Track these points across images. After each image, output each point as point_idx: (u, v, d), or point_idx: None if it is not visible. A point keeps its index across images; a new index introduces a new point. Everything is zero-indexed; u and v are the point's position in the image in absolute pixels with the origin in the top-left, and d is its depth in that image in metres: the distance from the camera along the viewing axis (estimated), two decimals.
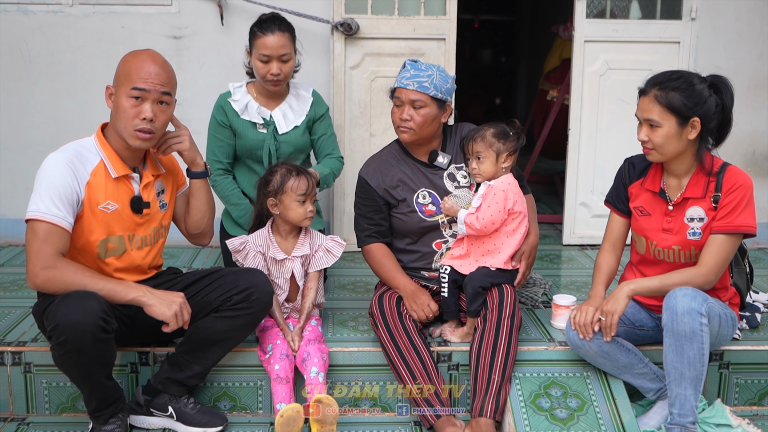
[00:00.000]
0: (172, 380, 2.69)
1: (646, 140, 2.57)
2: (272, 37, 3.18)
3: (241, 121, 3.33)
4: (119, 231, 2.57)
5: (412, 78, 2.84)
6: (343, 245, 2.94)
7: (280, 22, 3.24)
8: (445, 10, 4.11)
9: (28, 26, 4.10)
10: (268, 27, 3.20)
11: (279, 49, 3.19)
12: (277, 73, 3.21)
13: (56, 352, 2.37)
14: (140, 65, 2.49)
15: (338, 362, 2.86)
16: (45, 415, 2.84)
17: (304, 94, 3.43)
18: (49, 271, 2.37)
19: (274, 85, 3.26)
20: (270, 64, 3.21)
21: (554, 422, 2.63)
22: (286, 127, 3.35)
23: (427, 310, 2.87)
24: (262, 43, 3.19)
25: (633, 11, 4.29)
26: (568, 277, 3.83)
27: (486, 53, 9.82)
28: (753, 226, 2.56)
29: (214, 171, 3.33)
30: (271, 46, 3.18)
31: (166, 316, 2.45)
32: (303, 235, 2.91)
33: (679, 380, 2.48)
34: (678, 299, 2.46)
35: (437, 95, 2.84)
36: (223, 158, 3.35)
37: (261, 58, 3.20)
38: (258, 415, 2.86)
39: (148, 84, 2.47)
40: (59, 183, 2.41)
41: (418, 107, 2.84)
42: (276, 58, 3.20)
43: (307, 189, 2.82)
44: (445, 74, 2.89)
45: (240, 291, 2.61)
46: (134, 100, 2.47)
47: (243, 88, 3.37)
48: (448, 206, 2.89)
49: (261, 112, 3.34)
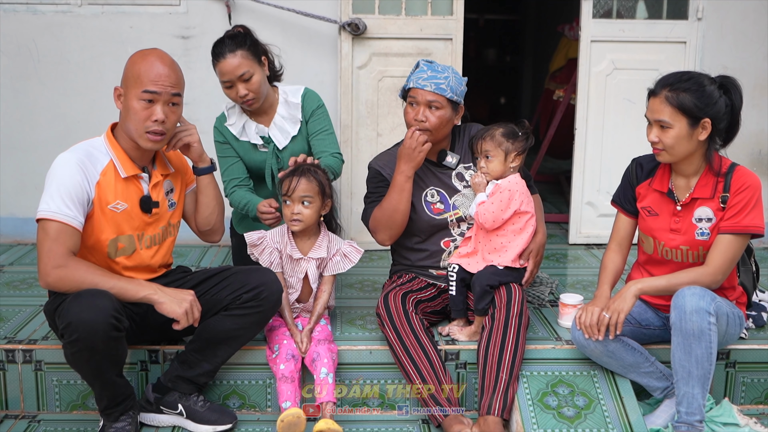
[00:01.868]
0: (182, 378, 2.70)
1: (656, 141, 2.57)
2: (224, 62, 3.02)
3: (241, 143, 3.24)
4: (129, 230, 2.59)
5: (429, 79, 2.84)
6: (361, 252, 2.93)
7: (231, 41, 3.06)
8: (452, 10, 4.12)
9: (37, 26, 4.12)
10: (219, 51, 3.04)
11: (235, 71, 3.02)
12: (245, 94, 3.05)
13: (68, 350, 2.39)
14: (150, 67, 2.49)
15: (346, 361, 2.87)
16: (55, 412, 2.86)
17: (293, 100, 3.24)
18: (61, 270, 2.39)
19: (249, 105, 3.11)
20: (235, 88, 3.06)
21: (561, 420, 2.64)
22: (284, 140, 3.23)
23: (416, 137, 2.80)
24: (219, 70, 3.05)
25: (639, 11, 4.30)
26: (575, 277, 3.83)
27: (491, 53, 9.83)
28: (761, 226, 2.56)
29: (230, 189, 3.24)
30: (226, 71, 3.03)
31: (177, 313, 2.46)
32: (321, 236, 2.89)
33: (687, 379, 2.49)
34: (686, 298, 2.46)
35: (453, 97, 2.85)
36: (240, 175, 3.24)
37: (224, 84, 3.08)
38: (267, 413, 2.88)
39: (158, 86, 2.49)
40: (70, 182, 2.43)
41: (434, 109, 2.84)
42: (237, 80, 3.04)
43: (287, 190, 2.77)
44: (459, 76, 2.90)
45: (250, 289, 2.62)
46: (145, 102, 2.49)
47: (236, 108, 3.24)
48: (477, 181, 2.91)
49: (259, 130, 3.22)
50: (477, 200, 2.89)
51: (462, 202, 2.97)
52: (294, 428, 2.58)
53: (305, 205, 2.78)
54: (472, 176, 2.94)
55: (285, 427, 2.56)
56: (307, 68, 4.16)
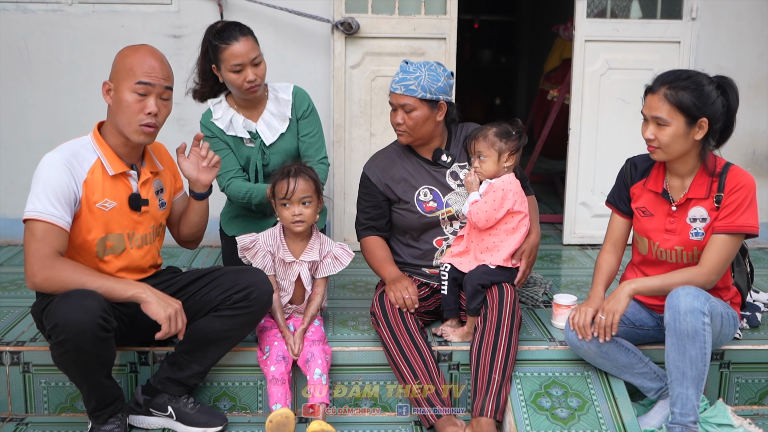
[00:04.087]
0: (172, 380, 2.68)
1: (652, 138, 2.56)
2: (238, 45, 3.01)
3: (228, 137, 3.20)
4: (118, 229, 2.57)
5: (400, 82, 2.84)
6: (352, 255, 2.92)
7: (240, 26, 3.07)
8: (446, 10, 4.10)
9: (28, 25, 4.09)
10: (231, 35, 3.03)
11: (249, 54, 3.02)
12: (253, 79, 3.04)
13: (55, 351, 2.36)
14: (142, 59, 2.48)
15: (339, 362, 2.85)
16: (44, 415, 2.83)
17: (284, 97, 3.23)
18: (47, 270, 2.36)
19: (253, 92, 3.08)
20: (244, 72, 3.03)
21: (555, 422, 2.62)
22: (272, 137, 3.20)
23: (404, 291, 2.81)
24: (231, 53, 3.01)
25: (633, 11, 4.29)
26: (569, 277, 3.82)
27: (486, 53, 9.83)
28: (755, 226, 2.55)
29: (226, 181, 3.20)
30: (240, 53, 3.01)
31: (160, 316, 2.42)
32: (313, 239, 2.87)
33: (681, 379, 2.48)
34: (681, 298, 2.45)
35: (426, 96, 2.83)
36: (234, 165, 3.19)
37: (233, 68, 3.03)
38: (258, 415, 2.86)
39: (152, 78, 2.47)
40: (56, 182, 2.41)
41: (408, 111, 2.84)
42: (249, 63, 3.02)
43: (286, 193, 2.75)
44: (436, 73, 2.86)
45: (239, 290, 2.60)
46: (138, 95, 2.47)
47: (223, 103, 3.21)
48: (470, 180, 2.89)
49: (246, 125, 3.19)
50: (470, 199, 2.87)
51: (456, 200, 2.95)
52: (283, 428, 2.56)
53: (305, 206, 2.77)
54: (465, 175, 2.93)
55: (273, 428, 2.54)
56: (299, 67, 4.14)
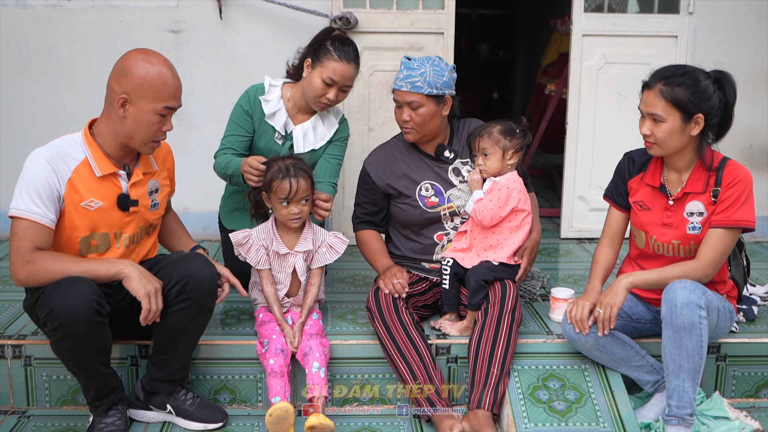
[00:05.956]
0: (158, 380, 2.67)
1: (648, 134, 2.57)
2: (347, 67, 3.04)
3: (265, 124, 3.18)
4: (104, 228, 2.56)
5: (405, 79, 2.84)
6: (346, 242, 2.93)
7: (356, 51, 3.09)
8: (444, 4, 4.11)
9: (27, 20, 4.09)
10: (347, 55, 3.04)
11: (348, 80, 3.06)
12: (333, 99, 3.06)
13: (52, 338, 2.38)
14: (166, 80, 2.48)
15: (337, 355, 2.87)
16: (45, 408, 2.85)
17: (333, 119, 3.26)
18: (28, 266, 2.38)
19: (323, 108, 3.12)
20: (332, 89, 3.04)
21: (552, 414, 2.64)
22: (303, 147, 3.19)
23: (393, 278, 2.83)
24: (335, 69, 3.02)
25: (631, 5, 4.30)
26: (566, 271, 3.84)
27: (484, 48, 9.81)
28: (752, 220, 2.57)
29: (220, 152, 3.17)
30: (342, 75, 3.03)
31: (140, 293, 2.41)
32: (306, 230, 2.89)
33: (678, 372, 2.50)
34: (677, 292, 2.47)
35: (432, 92, 2.83)
36: (237, 148, 3.16)
37: (326, 80, 3.03)
38: (258, 408, 2.87)
39: (178, 102, 2.53)
40: (38, 180, 2.41)
41: (415, 108, 2.85)
42: (340, 85, 3.05)
43: (288, 193, 2.75)
44: (440, 68, 2.86)
45: (175, 284, 2.53)
46: (160, 116, 2.50)
47: (278, 90, 3.20)
48: (475, 178, 2.90)
49: (287, 125, 3.19)
50: (474, 197, 2.88)
51: (457, 196, 2.96)
52: (282, 422, 2.57)
53: (304, 203, 2.79)
54: (469, 173, 2.94)
55: (273, 422, 2.55)
56: None
